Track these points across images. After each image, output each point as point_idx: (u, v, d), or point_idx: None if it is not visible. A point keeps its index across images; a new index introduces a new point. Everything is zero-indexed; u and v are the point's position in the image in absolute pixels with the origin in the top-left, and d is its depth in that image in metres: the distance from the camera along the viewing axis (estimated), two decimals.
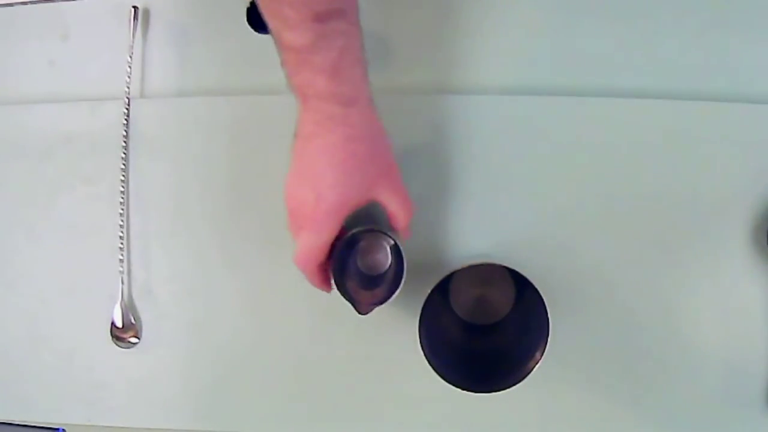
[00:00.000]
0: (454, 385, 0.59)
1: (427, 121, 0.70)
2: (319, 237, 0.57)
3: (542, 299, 0.58)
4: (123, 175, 0.73)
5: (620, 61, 0.70)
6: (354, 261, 0.69)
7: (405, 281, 0.62)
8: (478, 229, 0.69)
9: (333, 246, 0.59)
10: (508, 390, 0.58)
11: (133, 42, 0.74)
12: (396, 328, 0.69)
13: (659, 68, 0.69)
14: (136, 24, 0.74)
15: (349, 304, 0.62)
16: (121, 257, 0.73)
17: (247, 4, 0.70)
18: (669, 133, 0.68)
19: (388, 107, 0.70)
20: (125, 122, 0.73)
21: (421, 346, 0.59)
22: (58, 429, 0.75)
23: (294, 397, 0.71)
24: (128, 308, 0.73)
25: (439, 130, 0.70)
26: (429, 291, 0.60)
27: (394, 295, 0.62)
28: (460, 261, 0.68)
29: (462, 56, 0.71)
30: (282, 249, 0.71)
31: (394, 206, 0.60)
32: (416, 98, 0.70)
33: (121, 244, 0.73)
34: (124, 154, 0.73)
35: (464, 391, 0.58)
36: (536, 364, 0.58)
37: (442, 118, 0.70)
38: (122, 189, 0.73)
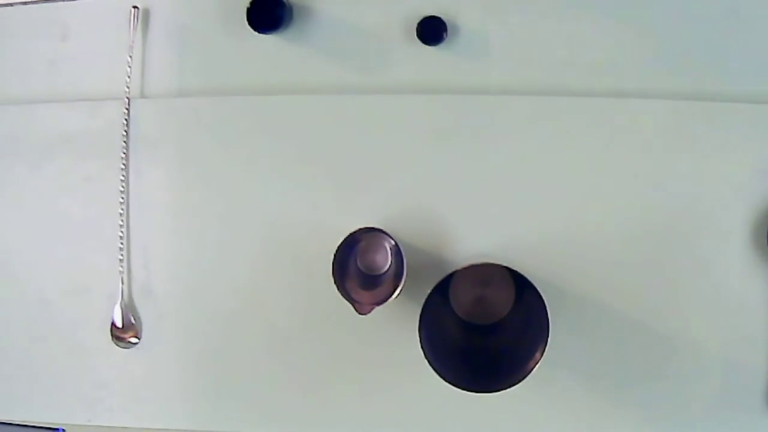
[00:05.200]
0: (454, 385, 0.58)
1: (427, 121, 0.70)
2: None
3: (542, 299, 0.58)
4: (123, 175, 0.73)
5: (620, 61, 0.70)
6: (354, 261, 0.69)
7: (405, 281, 0.62)
8: (478, 229, 0.69)
9: None
10: (508, 390, 0.58)
11: (133, 42, 0.74)
12: (396, 328, 0.69)
13: (659, 68, 0.69)
14: (136, 24, 0.74)
15: (349, 304, 0.62)
16: (121, 257, 0.73)
17: (247, 4, 0.70)
18: (669, 133, 0.68)
19: (388, 107, 0.71)
20: (125, 122, 0.73)
21: (421, 346, 0.59)
22: (58, 429, 0.75)
23: (294, 397, 0.71)
24: (128, 308, 0.73)
25: (439, 130, 0.70)
26: (429, 291, 0.60)
27: (394, 295, 0.62)
28: (460, 261, 0.69)
29: (463, 56, 0.71)
30: (282, 248, 0.71)
31: None
32: (416, 98, 0.70)
33: (121, 244, 0.73)
34: (124, 154, 0.73)
35: (464, 391, 0.58)
36: (536, 364, 0.58)
37: (443, 118, 0.70)
38: (122, 189, 0.73)
